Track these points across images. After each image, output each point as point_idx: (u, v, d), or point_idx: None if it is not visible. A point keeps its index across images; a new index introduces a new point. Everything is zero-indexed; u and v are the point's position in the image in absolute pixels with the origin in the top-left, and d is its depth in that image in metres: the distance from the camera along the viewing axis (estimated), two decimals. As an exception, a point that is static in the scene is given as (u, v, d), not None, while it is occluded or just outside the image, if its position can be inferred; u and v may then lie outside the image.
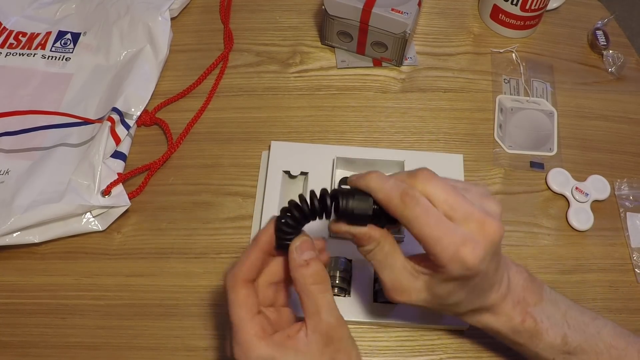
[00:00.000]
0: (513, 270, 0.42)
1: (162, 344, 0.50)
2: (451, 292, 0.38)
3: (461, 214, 0.35)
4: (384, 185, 0.37)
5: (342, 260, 0.51)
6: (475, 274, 0.36)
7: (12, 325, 0.50)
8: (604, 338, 0.42)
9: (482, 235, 0.35)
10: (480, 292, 0.39)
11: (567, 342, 0.41)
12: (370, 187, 0.37)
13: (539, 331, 0.41)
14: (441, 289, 0.38)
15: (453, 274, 0.36)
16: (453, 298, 0.39)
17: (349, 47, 0.66)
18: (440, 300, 0.39)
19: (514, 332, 0.41)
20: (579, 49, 0.69)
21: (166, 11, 0.64)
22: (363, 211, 0.37)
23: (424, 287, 0.39)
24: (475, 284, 0.38)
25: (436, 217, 0.35)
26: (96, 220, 0.54)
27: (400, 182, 0.37)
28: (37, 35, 0.66)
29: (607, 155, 0.61)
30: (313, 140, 0.61)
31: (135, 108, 0.59)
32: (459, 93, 0.65)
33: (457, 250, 0.35)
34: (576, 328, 0.42)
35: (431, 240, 0.35)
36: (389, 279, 0.39)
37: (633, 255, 0.55)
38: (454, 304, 0.40)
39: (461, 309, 0.40)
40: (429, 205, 0.35)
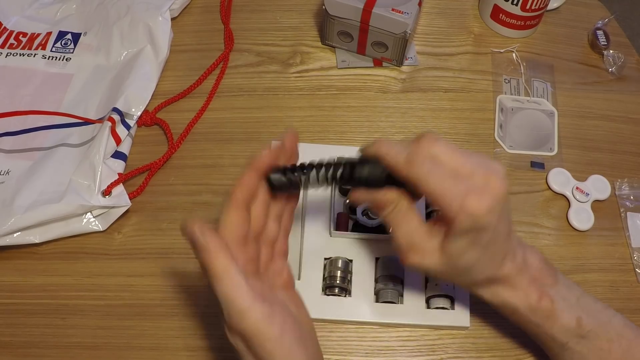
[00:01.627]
0: (529, 250, 0.43)
1: (162, 344, 0.50)
2: (464, 250, 0.38)
3: (466, 170, 0.37)
4: (391, 150, 0.39)
5: (343, 261, 0.51)
6: (485, 226, 0.37)
7: (13, 325, 0.50)
8: (615, 327, 0.42)
9: (487, 188, 0.36)
10: (493, 256, 0.39)
11: (582, 325, 0.42)
12: (379, 153, 0.39)
13: (554, 312, 0.41)
14: (454, 246, 0.38)
15: (463, 225, 0.37)
16: (466, 258, 0.39)
17: (350, 47, 0.66)
18: (454, 261, 0.39)
19: (530, 310, 0.42)
20: (579, 48, 0.69)
21: (166, 11, 0.64)
22: (377, 176, 0.40)
23: (437, 247, 0.40)
24: (487, 243, 0.38)
25: (441, 173, 0.37)
26: (97, 220, 0.54)
27: (406, 146, 0.38)
28: (37, 36, 0.66)
29: (607, 155, 0.61)
30: (313, 140, 0.61)
31: (136, 108, 0.59)
32: (459, 93, 0.65)
33: (464, 200, 0.36)
34: (590, 313, 0.42)
35: (438, 195, 0.37)
36: (404, 239, 0.41)
37: (633, 255, 0.55)
38: (468, 268, 0.40)
39: (476, 275, 0.40)
40: (433, 163, 0.37)
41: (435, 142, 0.38)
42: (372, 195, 0.41)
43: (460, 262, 0.39)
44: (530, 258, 0.42)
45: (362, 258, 0.52)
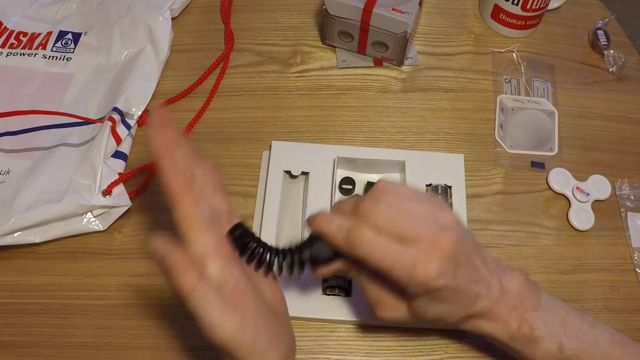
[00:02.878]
0: (508, 275, 0.41)
1: (163, 344, 0.50)
2: (427, 307, 0.38)
3: (411, 236, 0.36)
4: (329, 228, 0.38)
5: (343, 260, 0.51)
6: (440, 288, 0.36)
7: (13, 325, 0.50)
8: (601, 347, 0.42)
9: (434, 252, 0.35)
10: (462, 302, 0.39)
11: (563, 350, 0.41)
12: (320, 232, 0.39)
13: (535, 338, 0.41)
14: (417, 305, 0.39)
15: (417, 293, 0.37)
16: (432, 312, 0.39)
17: (350, 47, 0.66)
18: (421, 316, 0.39)
19: (510, 339, 0.41)
20: (579, 48, 0.69)
21: (167, 11, 0.64)
22: (327, 254, 0.39)
23: (404, 304, 0.40)
24: (449, 297, 0.37)
25: (383, 248, 0.36)
26: (97, 220, 0.54)
27: (345, 222, 0.37)
28: (38, 35, 0.66)
29: (608, 155, 0.61)
30: (314, 140, 0.61)
31: (136, 108, 0.59)
32: (459, 93, 0.65)
33: (410, 272, 0.35)
34: (573, 336, 0.42)
35: (385, 270, 0.36)
36: (372, 297, 0.41)
37: (634, 255, 0.55)
38: (438, 318, 0.40)
39: (449, 319, 0.40)
40: (373, 239, 0.36)
41: (374, 211, 0.36)
42: (330, 269, 0.40)
43: (427, 316, 0.39)
44: (509, 284, 0.41)
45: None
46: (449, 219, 0.37)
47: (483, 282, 0.39)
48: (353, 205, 0.38)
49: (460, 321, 0.41)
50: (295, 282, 0.51)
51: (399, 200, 0.37)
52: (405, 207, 0.37)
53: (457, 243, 0.36)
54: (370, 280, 0.41)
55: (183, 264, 0.34)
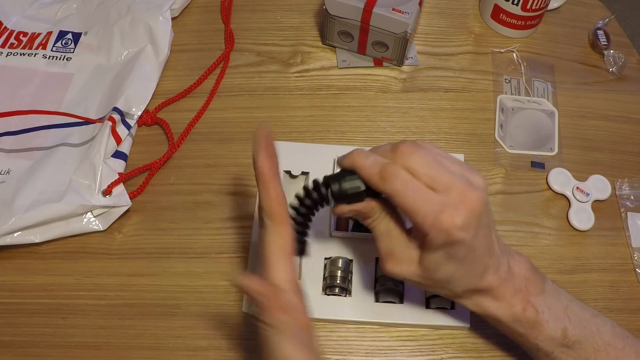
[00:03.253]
0: (515, 258, 0.42)
1: (163, 343, 0.50)
2: (439, 263, 0.38)
3: (443, 185, 0.36)
4: (365, 162, 0.38)
5: (343, 260, 0.51)
6: (459, 241, 0.36)
7: (13, 325, 0.50)
8: (603, 336, 0.42)
9: (462, 204, 0.36)
10: (473, 270, 0.39)
11: (567, 335, 0.41)
12: (354, 166, 0.39)
13: (539, 322, 0.41)
14: (430, 259, 0.38)
15: (436, 241, 0.36)
16: (442, 271, 0.39)
17: (350, 47, 0.66)
18: (431, 273, 0.39)
19: (514, 321, 0.41)
20: (579, 48, 0.69)
21: (167, 11, 0.64)
22: (355, 189, 0.40)
23: (415, 258, 0.40)
24: (464, 257, 0.38)
25: (415, 188, 0.36)
26: (97, 220, 0.54)
27: (381, 158, 0.38)
28: (38, 35, 0.66)
29: (608, 155, 0.61)
30: (314, 140, 0.61)
31: (136, 108, 0.59)
32: (459, 93, 0.65)
33: (436, 217, 0.35)
34: (576, 323, 0.42)
35: (412, 210, 0.36)
36: (384, 247, 0.41)
37: (634, 255, 0.55)
38: (446, 280, 0.40)
39: (456, 287, 0.40)
40: (407, 178, 0.36)
41: (412, 153, 0.37)
42: (352, 207, 0.41)
43: (436, 275, 0.39)
44: (516, 267, 0.42)
45: (362, 258, 0.52)
46: (479, 180, 0.38)
47: (494, 258, 0.40)
48: (391, 147, 0.38)
49: (465, 294, 0.41)
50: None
51: (435, 153, 0.38)
52: (440, 159, 0.38)
53: (485, 203, 0.37)
54: (386, 229, 0.41)
55: (276, 302, 0.36)
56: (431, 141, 0.61)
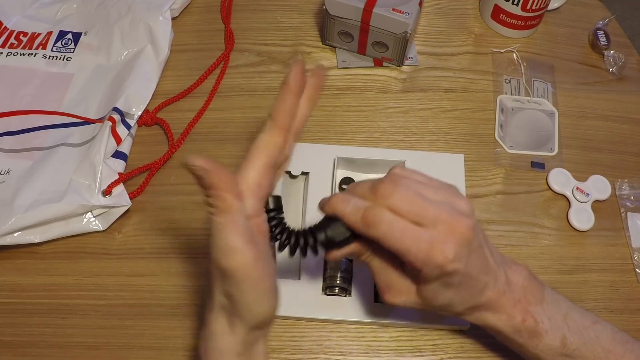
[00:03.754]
0: (513, 268, 0.42)
1: (163, 343, 0.50)
2: (437, 293, 0.39)
3: (429, 219, 0.36)
4: (345, 210, 0.38)
5: (343, 261, 0.51)
6: (454, 273, 0.36)
7: (13, 325, 0.50)
8: (603, 343, 0.42)
9: (451, 235, 0.36)
10: (471, 291, 0.39)
11: (566, 344, 0.41)
12: (336, 214, 0.38)
13: (539, 331, 0.41)
14: (427, 290, 0.39)
15: (431, 275, 0.36)
16: (441, 299, 0.39)
17: (350, 47, 0.66)
18: (430, 301, 0.40)
19: (514, 331, 0.41)
20: (579, 49, 0.69)
21: (167, 11, 0.64)
22: (341, 236, 0.39)
23: (413, 288, 0.40)
24: (461, 283, 0.38)
25: (401, 229, 0.36)
26: (97, 220, 0.54)
27: (361, 202, 0.37)
28: (38, 35, 0.66)
29: (608, 155, 0.61)
30: (314, 140, 0.61)
31: (136, 108, 0.59)
32: (459, 93, 0.65)
33: (427, 254, 0.35)
34: (576, 331, 0.42)
35: (402, 251, 0.36)
36: (381, 281, 0.41)
37: (634, 256, 0.55)
38: (446, 305, 0.40)
39: (456, 308, 0.41)
40: (391, 219, 0.36)
41: (393, 192, 0.36)
42: (343, 251, 0.40)
43: (436, 302, 0.40)
44: (514, 277, 0.41)
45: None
46: (464, 205, 0.37)
47: (491, 273, 0.40)
48: (370, 187, 0.38)
49: (466, 311, 0.41)
50: (295, 283, 0.51)
51: (416, 185, 0.37)
52: (422, 191, 0.37)
53: (473, 229, 0.36)
54: (381, 264, 0.41)
55: (226, 184, 0.34)
56: (431, 141, 0.61)
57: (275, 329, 0.50)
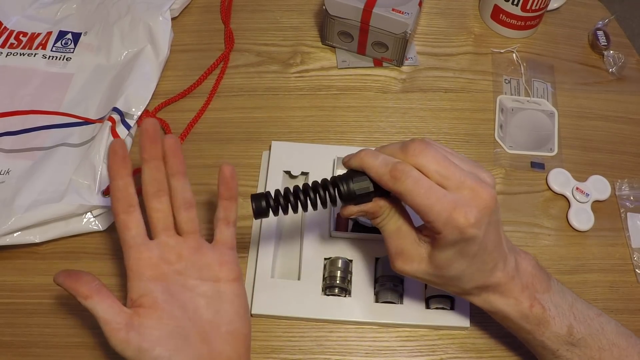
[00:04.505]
0: (522, 256, 0.43)
1: (162, 344, 0.50)
2: (451, 260, 0.39)
3: (454, 182, 0.37)
4: (374, 162, 0.38)
5: (343, 261, 0.51)
6: (471, 238, 0.37)
7: (13, 325, 0.50)
8: (608, 335, 0.42)
9: (475, 201, 0.36)
10: (483, 267, 0.39)
11: (572, 333, 0.41)
12: (363, 166, 0.39)
13: (546, 319, 0.41)
14: (441, 256, 0.39)
15: (449, 238, 0.37)
16: (454, 269, 0.39)
17: (350, 47, 0.66)
18: (442, 270, 0.39)
19: (522, 317, 0.42)
20: (579, 49, 0.69)
21: (167, 11, 0.64)
22: (364, 190, 0.40)
23: (426, 255, 0.40)
24: (475, 254, 0.38)
25: (427, 186, 0.36)
26: (97, 220, 0.54)
27: (390, 158, 0.38)
28: (37, 35, 0.66)
29: (607, 155, 0.61)
30: (314, 141, 0.61)
31: (136, 108, 0.59)
32: (459, 93, 0.65)
33: (450, 215, 0.36)
34: (582, 321, 0.42)
35: (424, 209, 0.36)
36: (394, 246, 0.41)
37: (633, 256, 0.55)
38: (457, 277, 0.40)
39: (466, 284, 0.41)
40: (419, 176, 0.37)
41: (423, 151, 0.37)
42: (361, 207, 0.41)
43: (448, 272, 0.40)
44: (522, 264, 0.42)
45: (362, 258, 0.52)
46: (488, 177, 0.38)
47: (502, 254, 0.40)
48: (400, 146, 0.39)
49: (474, 291, 0.41)
50: (295, 283, 0.51)
51: (445, 150, 0.39)
52: (449, 157, 0.38)
53: (495, 199, 0.37)
54: (396, 228, 0.41)
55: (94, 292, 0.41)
56: (431, 141, 0.61)
57: (275, 329, 0.50)
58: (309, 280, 0.51)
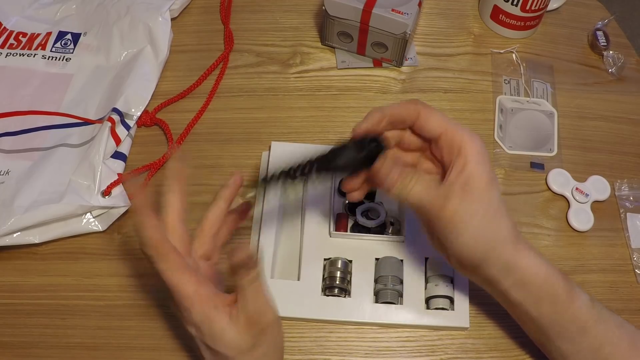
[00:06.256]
0: None
1: (162, 344, 0.50)
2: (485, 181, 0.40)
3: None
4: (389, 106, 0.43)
5: (342, 261, 0.51)
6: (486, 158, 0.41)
7: (13, 325, 0.50)
8: (614, 316, 0.43)
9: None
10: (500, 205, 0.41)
11: (594, 305, 0.42)
12: (383, 113, 0.43)
13: (573, 284, 0.41)
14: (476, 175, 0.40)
15: (476, 149, 0.40)
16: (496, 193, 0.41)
17: (349, 48, 0.66)
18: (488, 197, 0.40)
19: (557, 280, 0.41)
20: (579, 49, 0.69)
21: (166, 12, 0.64)
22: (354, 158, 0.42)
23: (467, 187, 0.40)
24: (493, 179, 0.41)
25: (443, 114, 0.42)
26: (96, 220, 0.54)
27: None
28: (37, 36, 0.66)
29: (607, 155, 0.61)
30: (313, 141, 0.61)
31: (136, 108, 0.59)
32: (459, 94, 0.65)
33: (469, 131, 0.41)
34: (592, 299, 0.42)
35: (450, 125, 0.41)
36: (434, 196, 0.41)
37: (633, 256, 0.55)
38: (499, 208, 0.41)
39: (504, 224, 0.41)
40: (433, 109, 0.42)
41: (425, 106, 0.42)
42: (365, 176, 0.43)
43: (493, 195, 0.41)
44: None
45: (362, 258, 0.52)
46: None
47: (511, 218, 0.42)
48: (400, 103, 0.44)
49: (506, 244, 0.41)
50: (294, 283, 0.51)
51: None
52: None
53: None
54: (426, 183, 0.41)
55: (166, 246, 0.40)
56: (431, 142, 0.61)
57: (274, 329, 0.50)
58: (308, 280, 0.51)
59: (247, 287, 0.38)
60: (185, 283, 0.38)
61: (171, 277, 0.38)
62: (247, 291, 0.38)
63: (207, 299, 0.39)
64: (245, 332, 0.38)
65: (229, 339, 0.38)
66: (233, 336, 0.38)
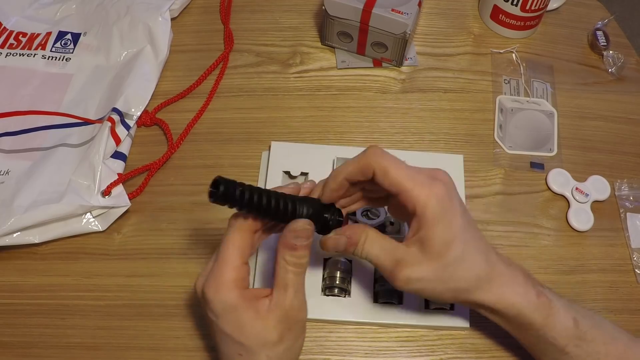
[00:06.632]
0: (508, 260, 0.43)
1: (162, 344, 0.50)
2: (446, 240, 0.39)
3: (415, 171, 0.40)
4: (346, 165, 0.41)
5: (343, 261, 0.51)
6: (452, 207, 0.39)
7: (12, 325, 0.50)
8: (608, 329, 0.43)
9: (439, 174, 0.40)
10: (476, 243, 0.40)
11: (579, 326, 0.41)
12: (341, 172, 0.41)
13: (553, 310, 0.41)
14: (436, 238, 0.39)
15: (436, 209, 0.38)
16: (453, 250, 0.39)
17: (349, 48, 0.66)
18: (444, 258, 0.39)
19: (533, 309, 0.41)
20: (579, 49, 0.69)
21: (166, 11, 0.64)
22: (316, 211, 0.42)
23: (421, 254, 0.39)
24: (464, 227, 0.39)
25: (403, 163, 0.40)
26: (96, 220, 0.54)
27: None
28: (37, 36, 0.66)
29: (607, 155, 0.61)
30: (313, 141, 0.61)
31: (136, 108, 0.59)
32: (459, 93, 0.65)
33: (430, 183, 0.39)
34: (583, 315, 0.42)
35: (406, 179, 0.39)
36: (389, 260, 0.40)
37: (633, 256, 0.55)
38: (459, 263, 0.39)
39: (467, 272, 0.40)
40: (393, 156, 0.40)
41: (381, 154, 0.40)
42: (337, 233, 0.42)
43: (449, 257, 0.39)
44: (513, 264, 0.43)
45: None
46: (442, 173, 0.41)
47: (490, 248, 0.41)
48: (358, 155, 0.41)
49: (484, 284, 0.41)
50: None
51: None
52: None
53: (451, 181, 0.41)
54: (380, 246, 0.41)
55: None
56: (430, 142, 0.61)
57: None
58: (308, 280, 0.50)
59: (293, 280, 0.38)
60: (231, 261, 0.38)
61: (225, 248, 0.39)
62: (290, 285, 0.38)
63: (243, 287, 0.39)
64: (274, 326, 0.38)
65: (257, 332, 0.38)
66: (260, 329, 0.38)
